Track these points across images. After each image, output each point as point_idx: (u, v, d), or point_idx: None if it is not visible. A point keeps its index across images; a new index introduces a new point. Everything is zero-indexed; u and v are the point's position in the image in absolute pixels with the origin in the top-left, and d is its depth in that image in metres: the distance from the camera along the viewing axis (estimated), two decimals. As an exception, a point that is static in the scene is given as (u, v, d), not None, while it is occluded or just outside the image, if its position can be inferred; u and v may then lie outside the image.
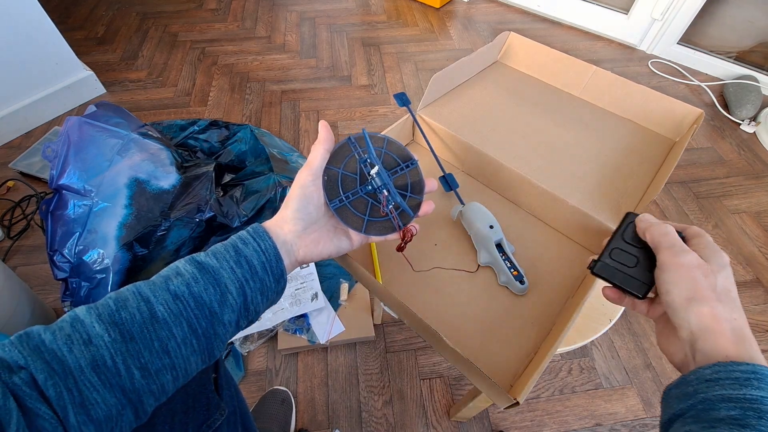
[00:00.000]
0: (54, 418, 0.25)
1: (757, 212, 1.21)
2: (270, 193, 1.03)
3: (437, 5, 1.97)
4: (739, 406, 0.24)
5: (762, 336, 0.97)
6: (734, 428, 0.24)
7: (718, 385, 0.26)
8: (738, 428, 0.24)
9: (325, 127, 0.39)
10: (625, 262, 0.35)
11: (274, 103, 1.49)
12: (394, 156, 0.42)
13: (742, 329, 0.28)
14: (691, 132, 0.58)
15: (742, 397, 0.25)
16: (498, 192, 0.60)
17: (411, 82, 1.59)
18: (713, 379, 0.26)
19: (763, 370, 0.25)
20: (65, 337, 0.27)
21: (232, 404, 0.47)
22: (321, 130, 0.39)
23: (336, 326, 0.92)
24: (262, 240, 0.34)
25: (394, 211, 0.40)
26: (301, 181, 0.37)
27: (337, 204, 0.39)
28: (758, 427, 0.23)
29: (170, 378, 0.30)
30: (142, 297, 0.30)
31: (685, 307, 0.29)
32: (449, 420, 0.85)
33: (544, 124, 0.64)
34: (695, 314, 0.29)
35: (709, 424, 0.25)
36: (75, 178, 0.85)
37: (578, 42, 1.82)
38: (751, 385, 0.25)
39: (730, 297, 0.29)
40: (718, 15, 1.59)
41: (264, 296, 0.34)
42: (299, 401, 0.87)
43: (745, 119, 1.46)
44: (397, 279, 0.51)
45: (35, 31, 1.26)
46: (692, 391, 0.27)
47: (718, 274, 0.30)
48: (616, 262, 0.35)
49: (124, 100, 1.49)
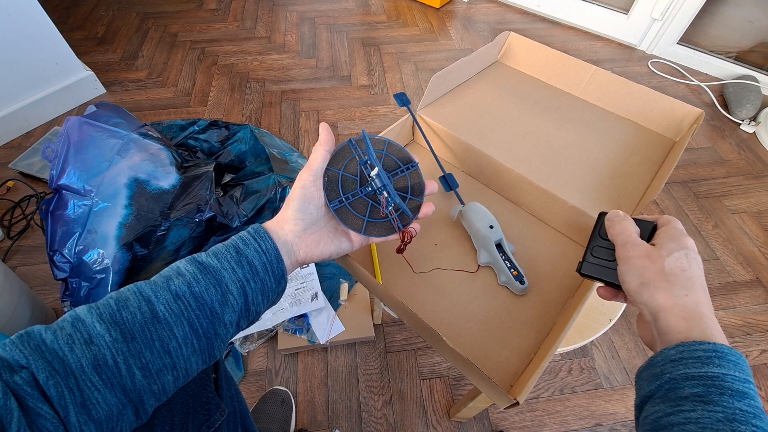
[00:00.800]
0: (55, 418, 0.25)
1: (757, 212, 1.21)
2: (270, 193, 1.03)
3: (437, 5, 1.97)
4: (702, 383, 0.26)
5: (762, 336, 0.97)
6: (698, 405, 0.25)
7: (681, 365, 0.27)
8: (702, 404, 0.25)
9: (326, 129, 0.40)
10: (606, 257, 0.37)
11: (274, 103, 1.49)
12: (394, 158, 0.43)
13: (695, 306, 0.30)
14: (691, 132, 0.58)
15: (704, 375, 0.26)
16: (498, 192, 0.60)
17: (411, 82, 1.59)
18: (677, 359, 0.28)
19: (723, 349, 0.27)
20: (66, 337, 0.27)
21: (232, 404, 0.47)
22: (322, 132, 0.39)
23: (336, 326, 0.92)
24: (263, 240, 0.34)
25: (394, 212, 0.40)
26: (302, 182, 0.37)
27: (337, 205, 0.39)
28: (720, 402, 0.25)
29: (171, 378, 0.30)
30: (143, 297, 0.30)
31: (639, 292, 0.32)
32: (449, 420, 0.85)
33: (544, 124, 0.64)
34: (647, 296, 0.32)
35: (675, 402, 0.26)
36: (75, 178, 0.85)
37: (578, 42, 1.82)
38: (713, 363, 0.26)
39: (681, 277, 0.31)
40: (718, 15, 1.59)
41: (265, 296, 0.34)
42: (299, 401, 0.87)
43: (745, 119, 1.46)
44: (397, 279, 0.51)
45: (35, 31, 1.26)
46: (659, 371, 0.28)
47: (668, 257, 0.32)
48: (599, 260, 0.37)
49: (124, 100, 1.49)
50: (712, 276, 1.07)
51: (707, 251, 1.12)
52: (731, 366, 0.26)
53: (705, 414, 0.24)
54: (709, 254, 1.11)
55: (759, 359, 0.93)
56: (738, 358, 0.27)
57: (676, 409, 0.26)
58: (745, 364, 0.27)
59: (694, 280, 0.31)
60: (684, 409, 0.25)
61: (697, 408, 0.25)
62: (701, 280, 0.32)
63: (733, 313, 1.01)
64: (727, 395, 0.25)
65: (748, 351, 0.94)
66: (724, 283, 1.06)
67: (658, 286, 0.32)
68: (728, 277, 1.07)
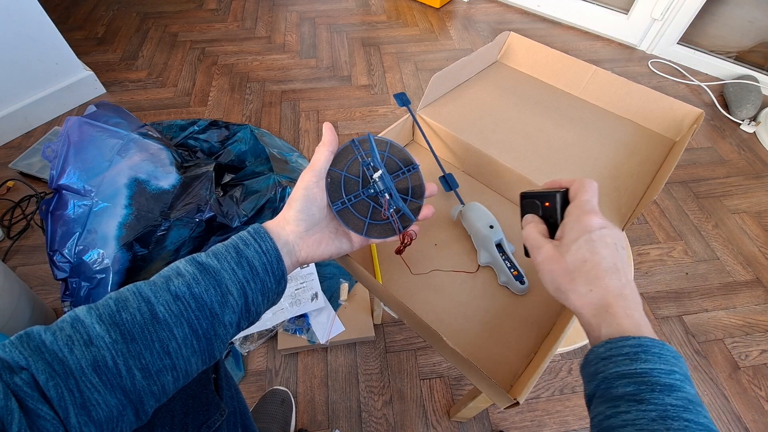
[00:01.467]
0: (55, 419, 0.25)
1: (758, 212, 1.21)
2: (270, 193, 1.03)
3: (437, 5, 1.97)
4: (633, 381, 0.26)
5: (762, 336, 0.97)
6: (632, 404, 0.26)
7: (612, 363, 0.28)
8: (635, 403, 0.25)
9: (330, 129, 0.39)
10: None
11: (274, 103, 1.49)
12: (396, 159, 0.43)
13: (600, 299, 0.30)
14: (691, 132, 0.58)
15: (634, 372, 0.26)
16: (498, 192, 0.60)
17: (411, 82, 1.59)
18: (607, 357, 0.28)
19: (647, 342, 0.27)
20: (66, 338, 0.27)
21: (232, 404, 0.47)
22: (326, 132, 0.39)
23: (336, 326, 0.92)
24: (263, 241, 0.34)
25: (395, 214, 0.40)
26: (304, 183, 0.37)
27: (339, 206, 0.39)
28: (652, 400, 0.25)
29: (171, 379, 0.30)
30: (142, 297, 0.30)
31: (557, 297, 0.33)
32: (449, 420, 0.85)
33: (544, 124, 0.64)
34: (564, 300, 0.32)
35: (612, 403, 0.27)
36: (75, 178, 0.85)
37: (578, 42, 1.82)
38: (640, 358, 0.27)
39: (583, 270, 0.31)
40: (718, 15, 1.59)
41: (265, 297, 0.34)
42: (299, 401, 0.87)
43: (745, 119, 1.46)
44: (397, 279, 0.51)
45: (35, 31, 1.26)
46: (594, 371, 0.29)
47: (568, 253, 0.32)
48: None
49: (124, 100, 1.49)
50: (713, 276, 1.07)
51: (707, 251, 1.12)
52: (656, 359, 0.27)
53: (640, 415, 0.25)
54: (709, 254, 1.11)
55: (759, 359, 0.93)
56: (662, 349, 0.27)
57: (614, 411, 0.26)
58: (669, 354, 0.27)
59: (598, 269, 0.31)
60: (621, 411, 0.26)
61: (632, 409, 0.25)
62: (608, 262, 0.31)
63: (733, 313, 1.01)
64: (657, 391, 0.25)
65: (748, 351, 0.95)
66: (724, 283, 1.06)
67: (567, 288, 0.32)
68: (728, 277, 1.07)
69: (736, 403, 0.88)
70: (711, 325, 0.99)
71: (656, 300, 1.03)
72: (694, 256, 1.11)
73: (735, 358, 0.94)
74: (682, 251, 1.12)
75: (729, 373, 0.92)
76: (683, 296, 1.03)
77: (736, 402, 0.88)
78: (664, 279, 1.06)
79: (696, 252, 1.12)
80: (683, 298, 1.03)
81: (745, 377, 0.91)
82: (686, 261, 1.10)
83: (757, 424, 0.85)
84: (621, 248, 0.32)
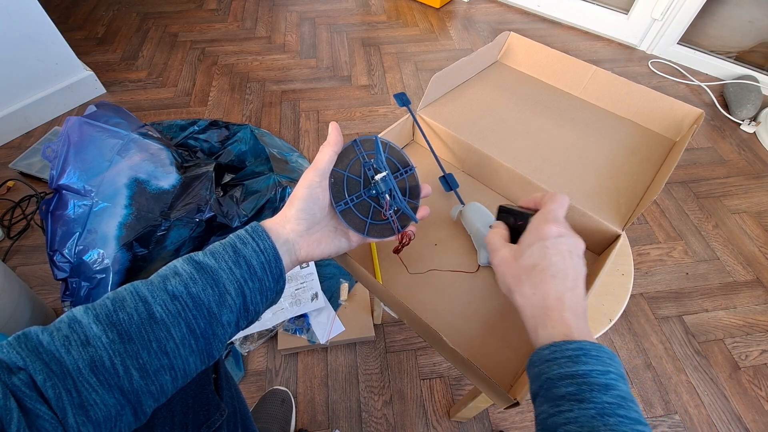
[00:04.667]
0: (54, 419, 0.25)
1: (758, 212, 1.21)
2: (270, 193, 1.03)
3: (437, 5, 1.97)
4: (575, 382, 0.28)
5: (762, 336, 0.97)
6: (574, 403, 0.27)
7: (555, 364, 0.29)
8: (577, 402, 0.27)
9: (336, 129, 0.39)
10: None
11: (274, 103, 1.49)
12: (393, 160, 0.44)
13: (540, 302, 0.32)
14: (691, 132, 0.58)
15: (575, 373, 0.28)
16: (498, 192, 0.60)
17: (411, 82, 1.59)
18: (551, 359, 0.30)
19: (587, 345, 0.29)
20: (63, 338, 0.27)
21: (232, 405, 0.47)
22: (332, 132, 0.39)
23: (336, 326, 0.92)
24: (261, 239, 0.34)
25: (394, 215, 0.41)
26: (308, 181, 0.37)
27: (343, 206, 0.39)
28: (591, 399, 0.27)
29: (169, 378, 0.30)
30: (140, 297, 0.30)
31: (510, 298, 0.35)
32: (449, 420, 0.85)
33: (544, 124, 0.64)
34: (512, 301, 0.34)
35: (555, 403, 0.28)
36: (75, 178, 0.85)
37: (578, 42, 1.82)
38: (581, 361, 0.28)
39: (532, 274, 0.33)
40: (718, 15, 1.59)
41: (263, 296, 0.34)
42: (299, 401, 0.87)
43: (745, 119, 1.46)
44: (397, 279, 0.51)
45: (35, 31, 1.26)
46: (538, 371, 0.30)
47: (521, 257, 0.34)
48: None
49: (124, 100, 1.49)
50: (713, 276, 1.07)
51: (707, 251, 1.12)
52: (594, 361, 0.28)
53: (581, 413, 0.27)
54: (709, 254, 1.11)
55: (759, 359, 0.93)
56: (599, 351, 0.29)
57: (557, 410, 0.28)
58: (606, 355, 0.29)
59: (545, 273, 0.32)
60: (563, 410, 0.28)
61: (574, 408, 0.27)
62: (556, 268, 0.32)
63: (734, 313, 1.01)
64: (596, 391, 0.27)
65: (748, 351, 0.95)
66: (724, 283, 1.06)
67: (514, 289, 0.34)
68: (728, 277, 1.07)
69: (736, 403, 0.88)
70: (711, 325, 0.99)
71: (656, 300, 1.03)
72: (694, 256, 1.11)
73: (735, 358, 0.94)
74: (682, 251, 1.12)
75: (729, 373, 0.92)
76: (683, 296, 1.03)
77: (736, 402, 0.88)
78: (664, 279, 1.06)
79: (696, 252, 1.12)
80: (683, 298, 1.03)
81: (746, 377, 0.91)
82: (686, 261, 1.10)
83: (757, 424, 0.85)
84: (576, 256, 0.34)
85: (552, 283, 0.32)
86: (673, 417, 0.86)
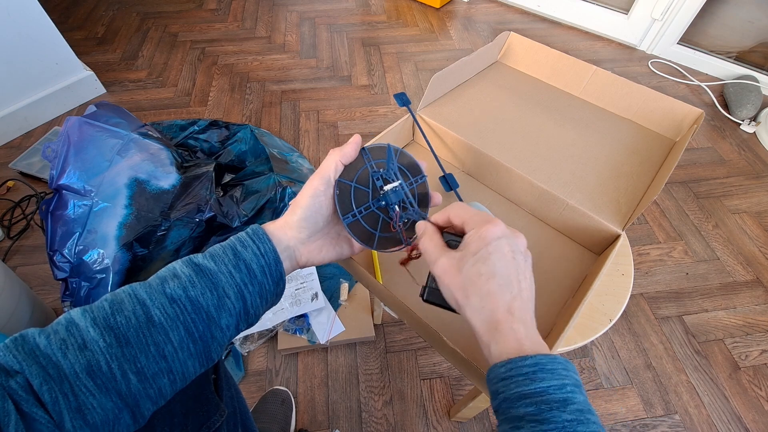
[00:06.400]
0: (50, 423, 0.25)
1: (758, 212, 1.21)
2: (270, 193, 1.03)
3: (437, 5, 1.97)
4: (533, 401, 0.27)
5: (762, 336, 0.97)
6: (534, 424, 0.26)
7: (513, 383, 0.28)
8: (536, 424, 0.26)
9: (356, 144, 0.38)
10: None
11: (274, 103, 1.49)
12: (403, 168, 0.42)
13: (490, 315, 0.30)
14: (691, 132, 0.58)
15: (533, 392, 0.27)
16: (498, 192, 0.60)
17: (411, 82, 1.59)
18: (508, 377, 0.28)
19: (543, 360, 0.28)
20: (60, 342, 0.27)
21: (232, 405, 0.47)
22: (350, 146, 0.38)
23: (336, 326, 0.92)
24: (261, 243, 0.34)
25: (403, 227, 0.39)
26: (312, 189, 0.36)
27: (350, 219, 0.38)
28: (551, 419, 0.26)
29: (167, 382, 0.30)
30: (138, 300, 0.29)
31: (460, 313, 0.32)
32: (449, 420, 0.85)
33: (544, 124, 0.64)
34: (462, 315, 0.32)
35: (515, 423, 0.27)
36: (75, 178, 0.85)
37: (578, 42, 1.82)
38: (537, 377, 0.27)
39: (477, 285, 0.30)
40: (718, 15, 1.59)
41: (263, 299, 0.34)
42: (299, 401, 0.86)
43: (745, 119, 1.46)
44: (397, 279, 0.51)
45: (35, 31, 1.26)
46: (495, 390, 0.29)
47: (464, 267, 0.31)
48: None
49: (124, 100, 1.49)
50: (713, 276, 1.07)
51: (707, 251, 1.12)
52: (550, 376, 0.27)
53: None
54: (709, 254, 1.11)
55: (759, 359, 0.93)
56: (553, 364, 0.28)
57: (517, 430, 0.27)
58: (561, 366, 0.28)
59: (491, 283, 0.30)
60: None
61: (534, 430, 0.26)
62: (501, 275, 0.30)
63: (734, 313, 1.00)
64: (555, 409, 0.26)
65: (748, 351, 0.94)
66: (724, 283, 1.06)
67: (462, 303, 0.31)
68: (728, 278, 1.07)
69: (736, 403, 0.88)
70: (711, 325, 0.99)
71: (656, 300, 1.03)
72: (694, 256, 1.11)
73: (735, 358, 0.94)
74: (682, 251, 1.12)
75: (729, 373, 0.92)
76: (683, 296, 1.03)
77: (736, 402, 0.88)
78: (664, 279, 1.06)
79: (696, 252, 1.12)
80: (683, 298, 1.03)
81: (746, 377, 0.91)
82: (686, 261, 1.10)
83: (758, 424, 0.85)
84: (519, 254, 0.32)
85: (500, 294, 0.30)
86: (673, 417, 0.86)
